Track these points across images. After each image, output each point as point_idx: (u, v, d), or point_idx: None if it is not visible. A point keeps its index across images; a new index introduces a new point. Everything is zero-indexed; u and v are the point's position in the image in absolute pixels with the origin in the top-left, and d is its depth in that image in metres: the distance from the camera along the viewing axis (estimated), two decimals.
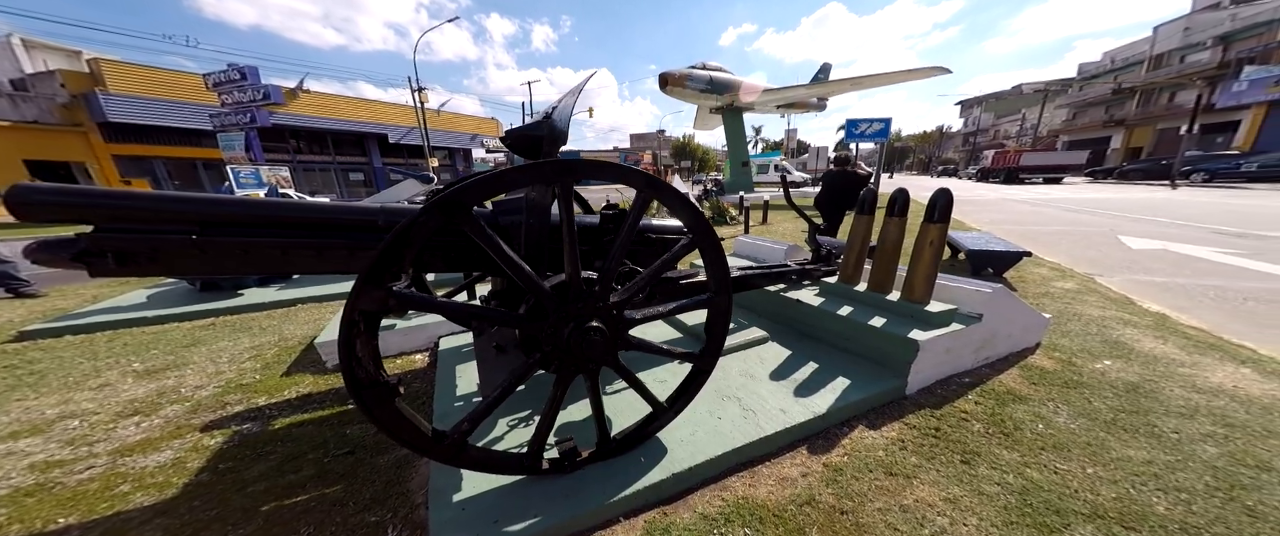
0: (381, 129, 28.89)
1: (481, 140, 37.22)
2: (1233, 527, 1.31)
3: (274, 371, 2.92)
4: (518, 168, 1.38)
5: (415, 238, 1.28)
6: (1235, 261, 5.11)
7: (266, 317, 4.08)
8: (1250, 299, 3.88)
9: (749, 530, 1.49)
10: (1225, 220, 7.94)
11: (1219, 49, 26.43)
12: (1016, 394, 2.21)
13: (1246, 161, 17.92)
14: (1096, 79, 37.05)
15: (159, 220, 1.38)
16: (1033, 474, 1.62)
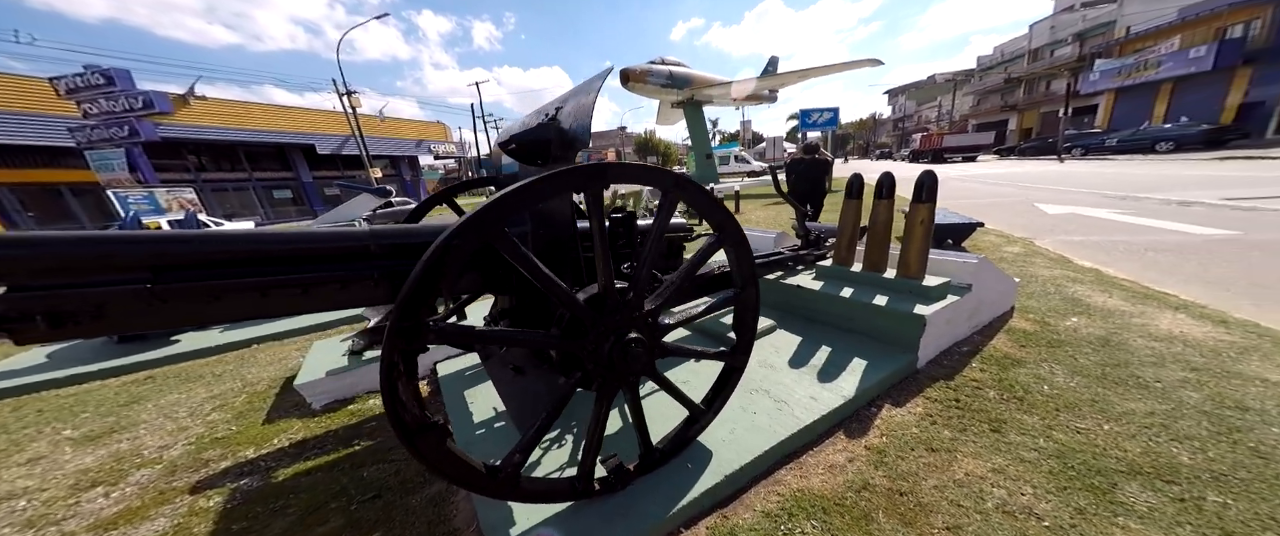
0: (307, 139, 25.63)
1: (429, 146, 34.36)
2: (1253, 471, 1.39)
3: (252, 420, 2.53)
4: (549, 176, 1.20)
5: (451, 263, 1.09)
6: (1127, 219, 5.74)
7: (218, 363, 3.51)
8: (1150, 250, 4.34)
9: (816, 523, 1.42)
10: (1106, 186, 8.94)
11: (1077, 45, 29.88)
12: (1013, 358, 2.29)
13: (1108, 137, 20.36)
14: (991, 70, 40.71)
15: (101, 267, 1.09)
16: (1059, 436, 1.66)
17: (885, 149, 55.17)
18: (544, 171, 1.24)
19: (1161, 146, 17.43)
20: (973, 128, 38.38)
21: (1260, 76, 19.40)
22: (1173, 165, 12.15)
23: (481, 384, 2.56)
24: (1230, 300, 2.89)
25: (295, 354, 3.51)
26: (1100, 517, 1.25)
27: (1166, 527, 1.19)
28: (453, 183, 6.40)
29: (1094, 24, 29.19)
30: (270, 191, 26.57)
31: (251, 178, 25.41)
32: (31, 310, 1.01)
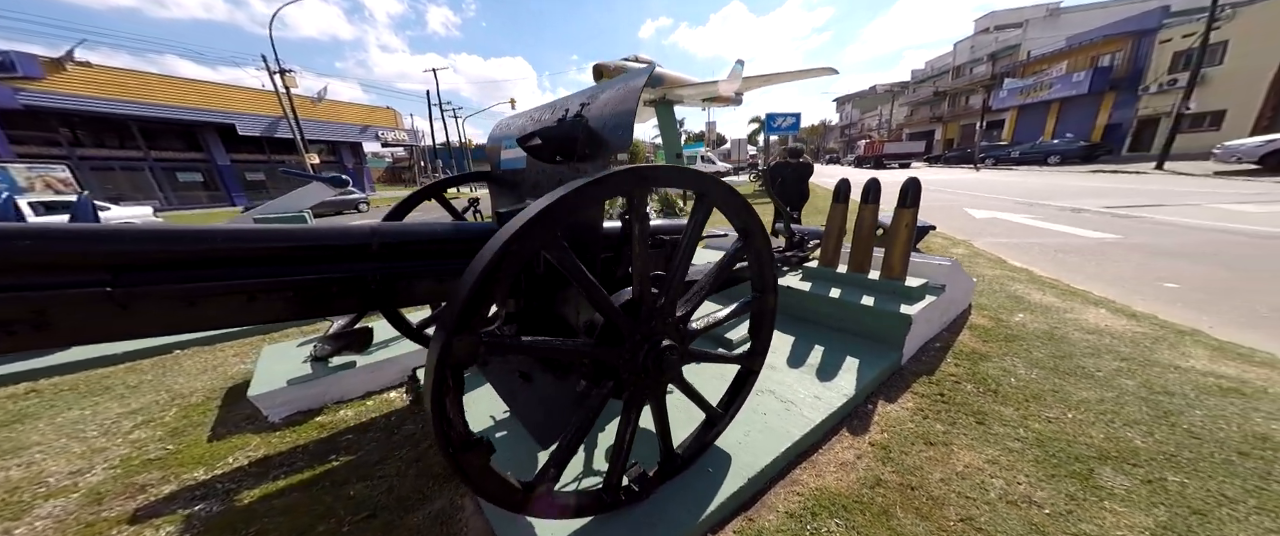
0: (225, 118, 22.33)
1: (377, 132, 31.00)
2: (1194, 451, 1.60)
3: (192, 437, 2.18)
4: (600, 179, 1.11)
5: (507, 269, 0.97)
6: (1038, 224, 6.50)
7: (129, 373, 2.91)
8: (1059, 251, 4.94)
9: (839, 521, 1.45)
10: (1016, 193, 10.06)
11: (991, 64, 33.32)
12: (979, 352, 2.49)
13: (1012, 150, 22.97)
14: (922, 84, 44.29)
15: (46, 266, 0.94)
16: (1035, 425, 1.82)
17: (834, 154, 58.49)
18: (591, 173, 1.15)
19: (1053, 159, 19.92)
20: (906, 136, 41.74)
21: (1119, 101, 22.72)
22: (1061, 176, 13.92)
23: (473, 391, 2.38)
24: (1126, 296, 3.34)
25: (234, 360, 3.07)
26: (1089, 502, 1.39)
27: (1145, 509, 1.34)
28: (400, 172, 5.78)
29: (1005, 45, 32.60)
30: (173, 174, 22.84)
31: (147, 157, 21.67)
32: None
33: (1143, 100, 21.37)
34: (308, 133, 21.88)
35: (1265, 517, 1.27)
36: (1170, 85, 19.79)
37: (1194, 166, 13.28)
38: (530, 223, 1.00)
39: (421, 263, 1.51)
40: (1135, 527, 1.26)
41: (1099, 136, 22.67)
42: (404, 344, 2.72)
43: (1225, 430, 1.69)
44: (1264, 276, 3.65)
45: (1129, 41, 22.08)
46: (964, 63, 37.16)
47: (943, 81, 39.72)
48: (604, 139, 1.47)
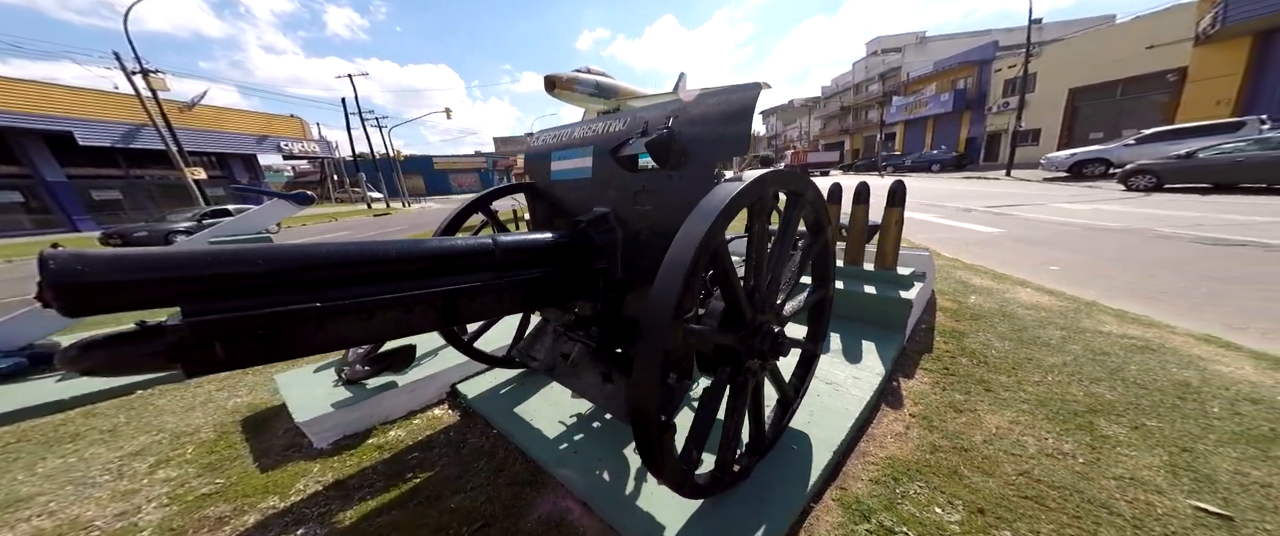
0: (55, 124, 16.66)
1: (279, 143, 25.40)
2: (1148, 399, 1.90)
3: (239, 469, 1.84)
4: (760, 179, 1.17)
5: (704, 261, 1.02)
6: (942, 221, 7.36)
7: (87, 417, 2.32)
8: (968, 243, 5.63)
9: (920, 483, 1.53)
10: (917, 195, 11.30)
11: (881, 83, 36.94)
12: (958, 330, 2.78)
13: (905, 159, 25.79)
14: (831, 99, 47.98)
15: (271, 285, 0.96)
16: (1030, 389, 2.06)
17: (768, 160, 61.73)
18: (686, 179, 1.38)
19: (935, 167, 22.65)
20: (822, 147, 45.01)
21: (973, 118, 26.30)
22: (945, 181, 15.87)
23: (528, 398, 2.22)
24: (1030, 277, 3.90)
25: (221, 394, 2.56)
26: (1105, 449, 1.60)
27: (1148, 450, 1.57)
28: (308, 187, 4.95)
29: (891, 67, 36.22)
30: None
31: None
32: (210, 335, 0.86)
33: (989, 119, 24.93)
34: (187, 143, 17.14)
35: (1230, 448, 1.55)
36: (1004, 107, 23.23)
37: (1030, 174, 15.77)
38: (718, 221, 1.01)
39: (535, 269, 1.51)
40: (1151, 467, 1.48)
41: (963, 148, 26.12)
42: (439, 360, 2.47)
43: (1159, 379, 2.04)
44: (1107, 258, 4.45)
45: (975, 69, 25.57)
46: (861, 81, 40.79)
47: (846, 97, 43.35)
48: (708, 148, 1.47)
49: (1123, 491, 1.37)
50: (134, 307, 0.81)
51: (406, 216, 19.77)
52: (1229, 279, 3.57)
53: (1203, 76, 15.17)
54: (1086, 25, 27.89)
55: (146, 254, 0.82)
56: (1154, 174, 9.39)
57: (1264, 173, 8.23)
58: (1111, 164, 12.24)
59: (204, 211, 13.19)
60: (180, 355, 0.84)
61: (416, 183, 47.14)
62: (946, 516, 1.34)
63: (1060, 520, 1.28)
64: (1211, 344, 2.38)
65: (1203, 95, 15.14)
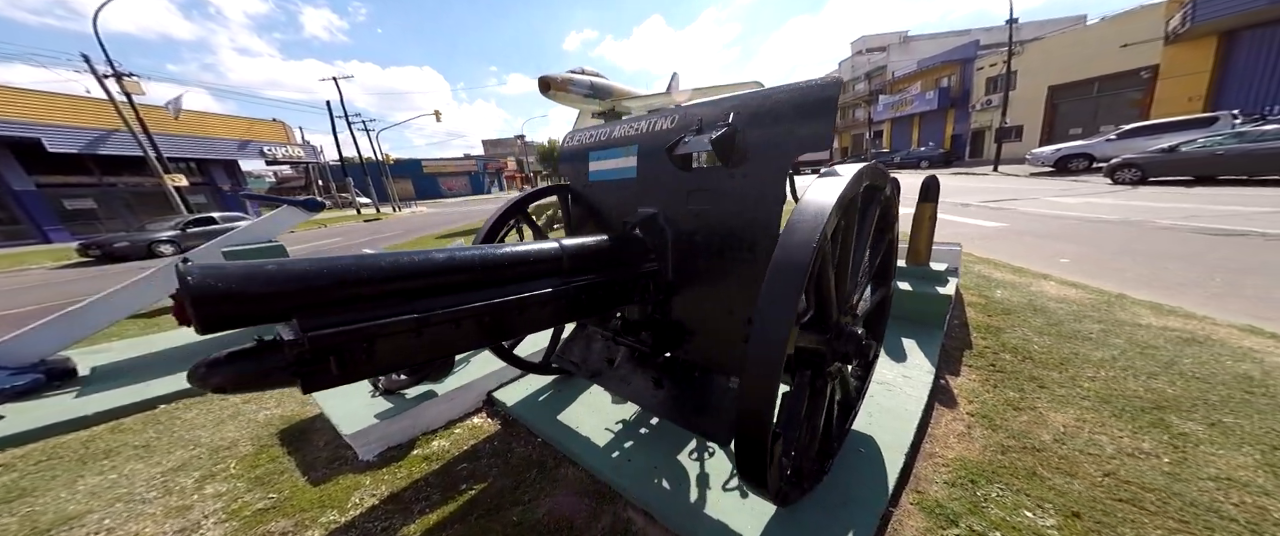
0: (20, 130, 15.26)
1: (262, 148, 23.62)
2: (1216, 393, 1.80)
3: (289, 483, 1.72)
4: (860, 173, 1.13)
5: (816, 264, 0.95)
6: (946, 217, 7.27)
7: (114, 433, 2.16)
8: (975, 238, 5.52)
9: (1000, 486, 1.42)
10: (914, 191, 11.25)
11: (867, 82, 36.96)
12: (993, 326, 2.68)
13: (893, 156, 25.84)
14: None
15: (372, 296, 0.94)
16: (1086, 385, 1.96)
17: None
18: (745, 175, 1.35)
19: (923, 164, 22.68)
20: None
21: (958, 116, 26.37)
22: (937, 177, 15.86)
23: (570, 405, 2.10)
24: (1044, 270, 3.82)
25: (249, 407, 2.38)
26: (1189, 448, 1.50)
27: (1236, 448, 1.47)
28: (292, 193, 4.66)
29: (876, 66, 36.23)
30: None
31: None
32: (326, 349, 0.83)
33: (973, 116, 25.02)
34: (165, 149, 15.84)
35: None
36: (987, 104, 23.31)
37: (1016, 169, 15.81)
38: (832, 214, 0.96)
39: (596, 274, 1.44)
40: (1246, 467, 1.38)
41: (949, 145, 26.21)
42: (474, 368, 2.33)
43: (1218, 373, 1.95)
44: (1113, 250, 4.38)
45: (958, 68, 25.62)
46: (848, 80, 40.82)
47: None
48: (777, 145, 1.38)
49: (1225, 494, 1.27)
50: (259, 320, 0.79)
51: (399, 221, 18.98)
52: (1240, 269, 3.50)
53: (1174, 73, 15.26)
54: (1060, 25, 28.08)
55: (270, 267, 0.81)
56: (1139, 168, 9.40)
57: (1243, 165, 8.25)
58: (1095, 158, 12.27)
59: (188, 220, 12.29)
60: (301, 370, 0.82)
61: (405, 187, 45.35)
62: (1040, 521, 1.24)
63: (1167, 525, 1.17)
64: (1258, 335, 2.29)
65: (1175, 92, 15.24)
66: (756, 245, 1.42)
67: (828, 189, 1.04)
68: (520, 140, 61.86)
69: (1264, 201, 6.22)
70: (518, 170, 60.52)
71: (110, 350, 3.35)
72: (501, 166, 60.02)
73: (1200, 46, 14.30)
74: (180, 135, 19.45)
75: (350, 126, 26.91)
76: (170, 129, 18.52)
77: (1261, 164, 7.98)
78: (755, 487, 1.08)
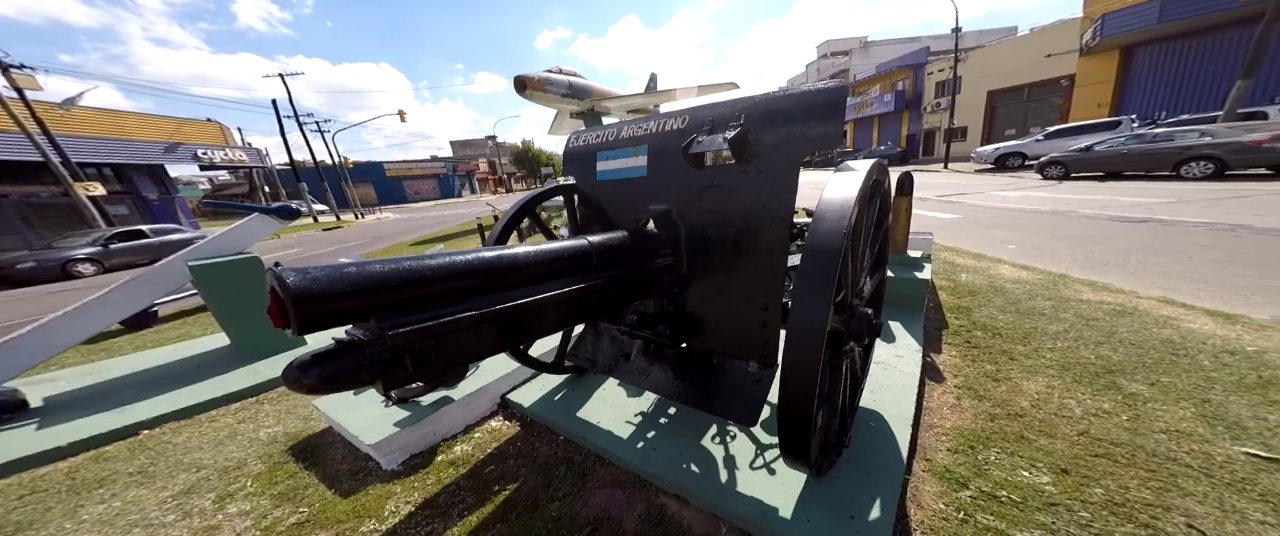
0: None
1: (195, 151, 20.54)
2: (1150, 357, 2.05)
3: (317, 497, 1.63)
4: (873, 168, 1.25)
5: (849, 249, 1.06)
6: None
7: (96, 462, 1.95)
8: (936, 229, 5.94)
9: (996, 450, 1.55)
10: None
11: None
12: (962, 306, 2.91)
13: (856, 154, 27.17)
14: None
15: (437, 295, 0.95)
16: (1048, 355, 2.18)
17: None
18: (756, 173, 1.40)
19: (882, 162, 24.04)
20: None
21: (912, 117, 28.05)
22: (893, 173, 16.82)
23: (586, 402, 2.09)
24: (1002, 255, 4.19)
25: (245, 426, 2.22)
26: (1140, 403, 1.71)
27: (1175, 402, 1.69)
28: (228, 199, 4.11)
29: (840, 69, 37.96)
30: None
31: None
32: (402, 348, 0.85)
33: (924, 117, 26.74)
34: (71, 153, 13.56)
35: (1238, 396, 1.70)
36: (937, 106, 24.98)
37: (963, 166, 17.07)
38: (857, 203, 1.02)
39: (619, 269, 1.46)
40: (1185, 418, 1.59)
41: (904, 144, 27.87)
42: (486, 371, 2.27)
43: (1147, 339, 2.22)
44: (1049, 236, 4.86)
45: (911, 72, 27.25)
46: (813, 82, 42.44)
47: None
48: (789, 144, 1.45)
49: (1177, 443, 1.47)
50: (346, 321, 0.81)
51: (363, 229, 17.53)
52: (1147, 250, 3.99)
53: (1086, 82, 16.95)
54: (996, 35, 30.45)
55: (350, 269, 0.81)
56: (1063, 165, 10.42)
57: (1140, 162, 9.33)
58: (1027, 156, 13.47)
59: (110, 234, 10.62)
60: (384, 369, 0.83)
61: (366, 191, 41.89)
62: (1037, 479, 1.38)
63: (1139, 474, 1.34)
64: (1172, 305, 2.63)
65: (1087, 98, 16.94)
66: (771, 237, 1.48)
67: (849, 182, 1.12)
68: (492, 141, 59.47)
69: (1159, 193, 7.08)
70: (490, 172, 58.17)
71: (59, 379, 2.96)
72: (473, 168, 57.41)
73: (1106, 59, 15.96)
74: (91, 137, 16.43)
75: (301, 127, 24.37)
76: (76, 129, 15.74)
77: (1154, 161, 9.06)
78: (797, 461, 1.15)
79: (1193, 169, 8.41)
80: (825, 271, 0.96)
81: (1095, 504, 1.24)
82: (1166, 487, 1.28)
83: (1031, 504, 1.27)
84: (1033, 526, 1.19)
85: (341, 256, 10.52)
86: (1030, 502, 1.27)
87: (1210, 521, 1.15)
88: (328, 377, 0.78)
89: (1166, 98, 14.57)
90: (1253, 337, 2.16)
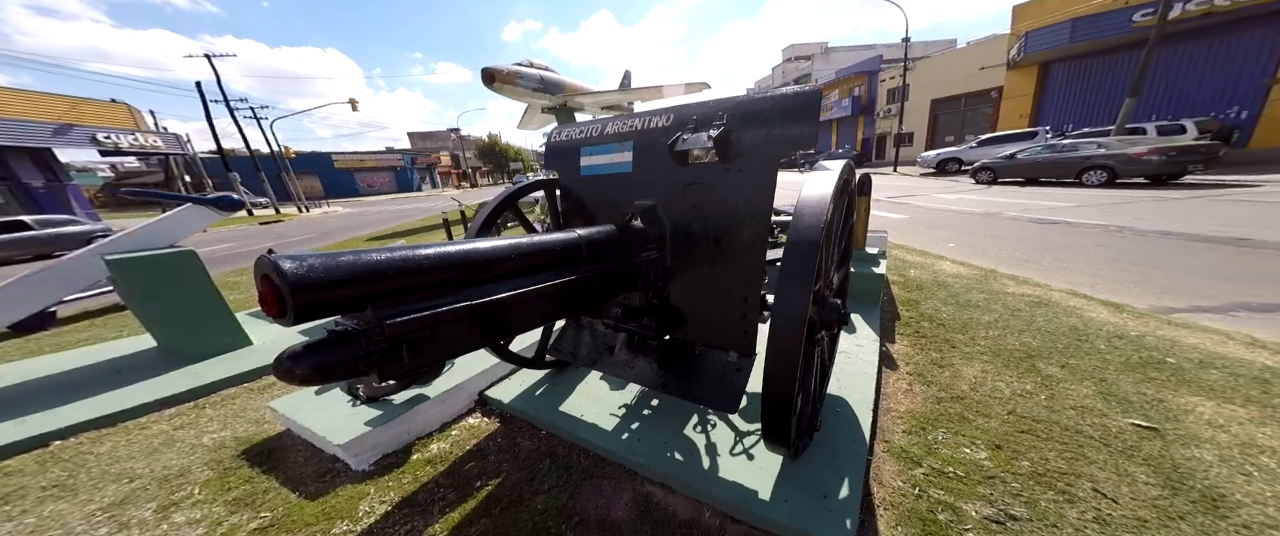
0: None
1: (95, 134, 17.97)
2: (1060, 342, 2.33)
3: (280, 501, 1.50)
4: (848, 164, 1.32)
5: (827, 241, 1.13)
6: None
7: (44, 466, 1.72)
8: (883, 228, 6.42)
9: (943, 431, 1.69)
10: None
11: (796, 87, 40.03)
12: (911, 299, 3.16)
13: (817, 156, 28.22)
14: None
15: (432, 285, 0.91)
16: (982, 343, 2.42)
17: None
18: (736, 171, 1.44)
19: None
20: None
21: (867, 122, 29.66)
22: None
23: (568, 397, 2.07)
24: (944, 253, 4.59)
25: (184, 432, 1.98)
26: (1054, 384, 1.94)
27: (1079, 381, 1.94)
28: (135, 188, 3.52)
29: (803, 73, 39.26)
30: None
31: None
32: (399, 338, 0.82)
33: (877, 122, 28.33)
34: None
35: (1125, 375, 1.98)
36: (888, 112, 26.55)
37: (910, 169, 18.36)
38: (835, 198, 1.08)
39: (607, 263, 1.45)
40: (1089, 396, 1.83)
41: (860, 147, 29.41)
42: (461, 369, 2.17)
43: (1058, 327, 2.53)
44: (980, 236, 5.38)
45: (866, 79, 28.67)
46: (779, 85, 43.55)
47: None
48: (769, 143, 1.49)
49: (1083, 418, 1.69)
50: (342, 310, 0.78)
51: (308, 224, 15.87)
52: (1058, 248, 4.53)
53: (1011, 95, 18.65)
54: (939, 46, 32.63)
55: (346, 257, 0.77)
56: (992, 170, 11.49)
57: (1052, 170, 10.49)
58: (963, 162, 14.71)
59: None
60: (380, 360, 0.80)
61: (311, 184, 38.23)
62: (976, 455, 1.54)
63: (1057, 447, 1.54)
64: (1077, 296, 3.01)
65: (1012, 109, 18.67)
66: (752, 232, 1.53)
67: (826, 180, 1.17)
68: (455, 134, 55.46)
69: (1066, 198, 8.02)
70: (454, 166, 54.58)
71: None
72: (434, 161, 53.50)
73: (1028, 74, 17.60)
74: None
75: (233, 113, 21.35)
76: None
77: (1062, 169, 10.22)
78: (777, 443, 1.21)
79: (1091, 177, 9.58)
80: (806, 263, 1.01)
81: (1024, 475, 1.41)
82: (1077, 457, 1.48)
83: (973, 478, 1.41)
84: (975, 498, 1.33)
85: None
86: (972, 477, 1.42)
87: (1109, 484, 1.35)
88: (321, 367, 0.74)
89: (1075, 112, 16.36)
90: (1135, 324, 2.53)
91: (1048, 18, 15.45)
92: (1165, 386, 1.87)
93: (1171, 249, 4.15)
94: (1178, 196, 7.18)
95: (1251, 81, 12.47)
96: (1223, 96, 12.98)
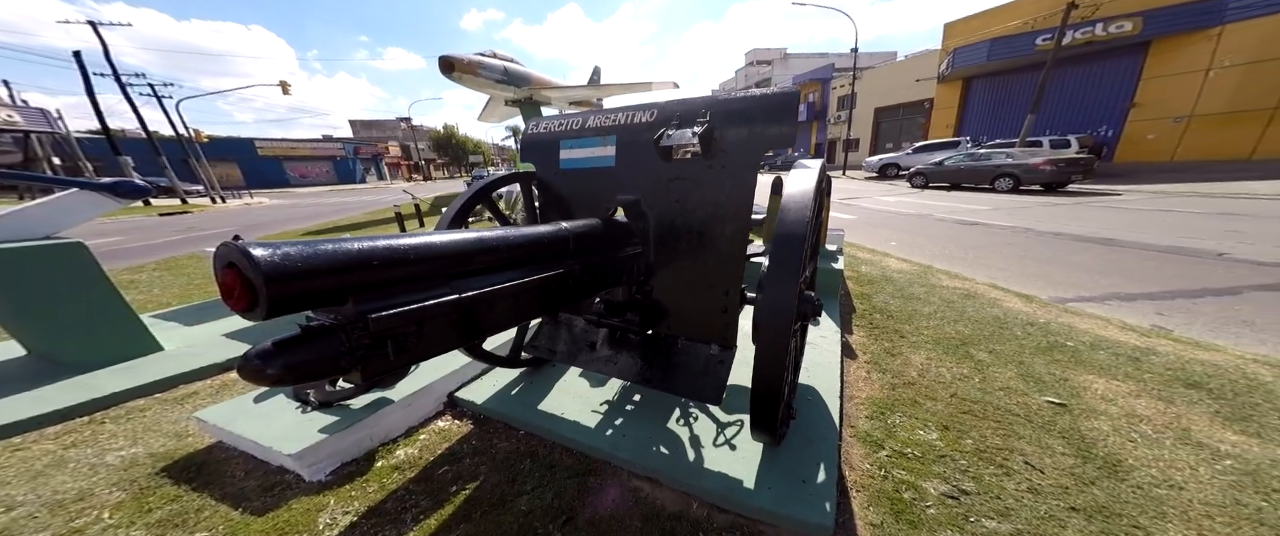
0: None
1: None
2: (987, 330, 2.60)
3: (214, 520, 1.28)
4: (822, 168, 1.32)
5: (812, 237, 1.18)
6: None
7: None
8: (834, 227, 6.84)
9: (900, 415, 1.81)
10: None
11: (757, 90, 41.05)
12: (864, 293, 3.37)
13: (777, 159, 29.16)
14: None
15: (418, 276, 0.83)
16: (926, 333, 2.64)
17: None
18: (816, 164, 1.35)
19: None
20: None
21: (820, 127, 31.28)
22: None
23: (547, 395, 1.98)
24: (886, 251, 4.97)
25: (78, 451, 1.67)
26: (985, 368, 2.15)
27: (1004, 365, 2.17)
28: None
29: (764, 77, 40.25)
30: None
31: None
32: (383, 334, 0.73)
33: (829, 128, 29.93)
34: None
35: (1038, 357, 2.24)
36: (839, 119, 28.15)
37: (857, 173, 19.64)
38: (816, 196, 1.10)
39: (592, 257, 1.40)
40: (1012, 377, 2.05)
41: (814, 151, 30.93)
42: (428, 371, 1.99)
43: (985, 316, 2.82)
44: (915, 235, 5.90)
45: (820, 86, 30.14)
46: (743, 87, 44.45)
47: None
48: (750, 141, 1.49)
49: (1010, 397, 1.90)
50: (320, 303, 0.70)
51: (223, 215, 13.73)
52: (980, 247, 5.08)
53: (940, 106, 20.50)
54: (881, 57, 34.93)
55: (325, 246, 0.70)
56: (924, 175, 12.61)
57: (971, 176, 11.74)
58: (901, 167, 16.00)
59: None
60: (362, 357, 0.72)
61: (228, 171, 33.79)
62: (928, 436, 1.67)
63: (993, 425, 1.71)
64: (996, 289, 3.39)
65: (940, 120, 20.55)
66: (733, 228, 1.53)
67: (808, 178, 1.21)
68: (406, 123, 50.16)
69: (984, 202, 9.01)
70: (404, 157, 49.59)
71: None
72: (381, 151, 48.06)
73: (954, 87, 19.40)
74: None
75: (124, 89, 17.87)
76: None
77: (979, 175, 11.46)
78: (763, 432, 1.22)
79: (1002, 183, 10.84)
80: (794, 256, 1.01)
81: (969, 452, 1.55)
82: (1009, 433, 1.65)
83: (929, 457, 1.53)
84: (931, 476, 1.44)
85: (192, 250, 8.45)
86: (928, 456, 1.54)
87: (1036, 456, 1.52)
88: (297, 366, 0.66)
89: (991, 124, 18.33)
90: (1042, 312, 2.90)
91: (973, 36, 17.04)
92: (1068, 366, 2.16)
93: (1062, 248, 4.80)
94: (1064, 202, 8.32)
95: (1117, 104, 14.69)
96: (1097, 116, 15.20)
